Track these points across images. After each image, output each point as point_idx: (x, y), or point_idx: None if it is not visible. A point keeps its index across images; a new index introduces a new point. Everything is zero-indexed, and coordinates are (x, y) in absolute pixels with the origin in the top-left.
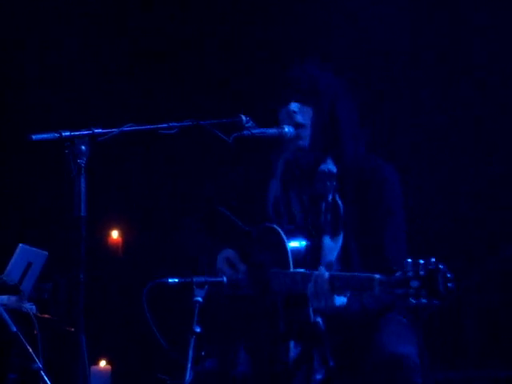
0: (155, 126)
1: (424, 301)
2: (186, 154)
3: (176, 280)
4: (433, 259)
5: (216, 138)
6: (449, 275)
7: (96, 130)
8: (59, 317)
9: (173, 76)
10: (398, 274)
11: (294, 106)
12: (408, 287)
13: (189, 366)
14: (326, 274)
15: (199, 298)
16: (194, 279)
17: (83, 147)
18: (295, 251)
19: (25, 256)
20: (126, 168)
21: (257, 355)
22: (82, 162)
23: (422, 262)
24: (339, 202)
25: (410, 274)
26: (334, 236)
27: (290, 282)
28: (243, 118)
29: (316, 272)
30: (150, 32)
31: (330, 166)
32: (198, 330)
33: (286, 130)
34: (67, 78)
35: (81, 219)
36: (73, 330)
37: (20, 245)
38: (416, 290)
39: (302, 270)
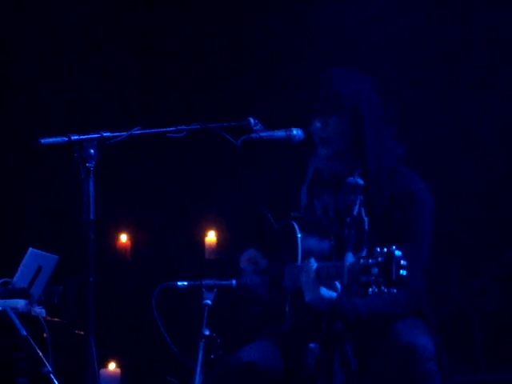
0: (163, 130)
1: (384, 289)
2: (194, 156)
3: (185, 283)
4: (393, 246)
5: (224, 140)
6: (402, 262)
7: (105, 134)
8: (69, 320)
9: (177, 77)
10: (361, 260)
11: (317, 124)
12: (370, 274)
13: (198, 369)
14: (314, 265)
15: (208, 301)
16: (203, 282)
17: (92, 151)
18: (310, 249)
19: (35, 260)
20: (133, 170)
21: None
22: (90, 165)
23: (378, 249)
24: (364, 217)
25: (371, 260)
26: (356, 252)
27: (296, 277)
28: (251, 120)
29: (306, 263)
30: (151, 32)
31: (358, 179)
32: (207, 333)
33: (295, 132)
34: (69, 78)
35: (90, 223)
36: (82, 333)
37: (30, 249)
38: (376, 278)
39: (303, 262)
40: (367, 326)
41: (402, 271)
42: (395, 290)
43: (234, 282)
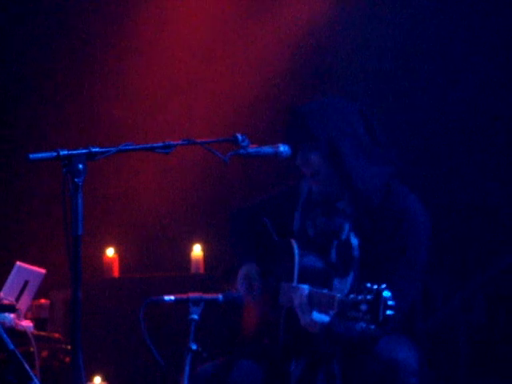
0: (151, 146)
1: (372, 327)
2: (180, 169)
3: (172, 298)
4: (383, 285)
5: (211, 155)
6: (390, 303)
7: (93, 149)
8: (56, 334)
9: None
10: (351, 296)
11: (297, 161)
12: (358, 310)
13: (185, 383)
14: (306, 290)
15: (195, 316)
16: (190, 297)
17: (80, 166)
18: (306, 268)
19: (22, 274)
20: (119, 184)
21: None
22: (79, 180)
23: (369, 285)
24: (352, 242)
25: (360, 297)
26: (342, 277)
27: (290, 297)
28: (239, 136)
29: (299, 286)
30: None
31: (346, 205)
32: (194, 347)
33: (282, 149)
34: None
35: (78, 238)
36: (69, 347)
37: (17, 263)
38: (364, 314)
39: (297, 285)
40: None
41: (388, 311)
42: (382, 330)
43: (220, 296)
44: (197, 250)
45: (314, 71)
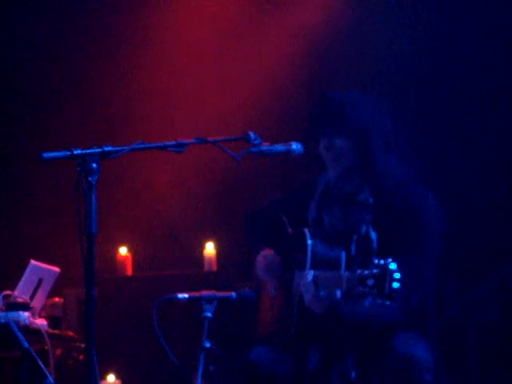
0: (164, 144)
1: (379, 301)
2: (194, 167)
3: (186, 296)
4: (389, 259)
5: (223, 154)
6: (396, 276)
7: (106, 148)
8: (70, 333)
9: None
10: (359, 271)
11: (324, 143)
12: (366, 286)
13: (198, 381)
14: (311, 272)
15: (209, 314)
16: (203, 295)
17: (94, 165)
18: (318, 256)
19: (36, 273)
20: (133, 183)
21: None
22: (93, 179)
23: (376, 261)
24: (372, 236)
25: (367, 272)
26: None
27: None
28: (251, 135)
29: (308, 271)
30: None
31: (369, 197)
32: (207, 345)
33: (294, 146)
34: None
35: (92, 236)
36: (83, 345)
37: (31, 262)
38: (370, 289)
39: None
40: (368, 337)
41: (394, 284)
42: (388, 303)
43: (234, 294)
44: (209, 248)
45: (326, 69)
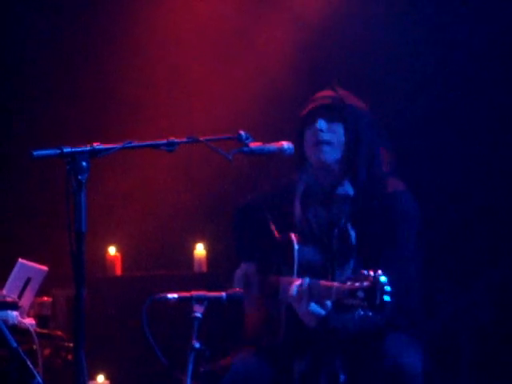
0: (155, 143)
1: (370, 313)
2: (182, 167)
3: (175, 296)
4: (379, 271)
5: (215, 153)
6: (387, 289)
7: (97, 147)
8: (58, 332)
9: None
10: (348, 283)
11: (321, 123)
12: (356, 298)
13: (188, 382)
14: (307, 280)
15: (198, 314)
16: (193, 295)
17: (84, 163)
18: (305, 261)
19: (24, 271)
20: (122, 182)
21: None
22: (82, 178)
23: (366, 272)
24: (350, 230)
25: (357, 284)
26: (343, 264)
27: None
28: (243, 134)
29: (299, 278)
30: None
31: (348, 189)
32: (197, 345)
33: (286, 146)
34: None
35: (81, 235)
36: (72, 345)
37: (19, 260)
38: (361, 301)
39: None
40: (357, 340)
41: (385, 297)
42: (379, 316)
43: (224, 295)
44: (200, 249)
45: (320, 69)
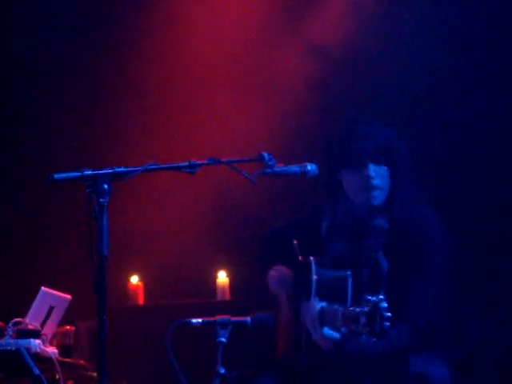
0: (177, 165)
1: (374, 339)
2: (205, 194)
3: (199, 320)
4: (381, 296)
5: (237, 177)
6: (386, 314)
7: (118, 169)
8: (81, 361)
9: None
10: (351, 308)
11: (372, 169)
12: (358, 324)
13: None
14: (318, 306)
15: (223, 339)
16: (218, 320)
17: (106, 186)
18: (323, 285)
19: (47, 300)
20: (144, 211)
21: None
22: (104, 201)
23: (369, 297)
24: (383, 261)
25: (359, 309)
26: (373, 292)
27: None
28: (265, 155)
29: (313, 302)
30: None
31: (384, 222)
32: (222, 371)
33: (309, 168)
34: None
35: (104, 258)
36: (95, 374)
37: (42, 288)
38: (363, 327)
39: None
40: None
41: (385, 323)
42: (381, 342)
43: (248, 319)
44: (222, 277)
45: (346, 87)
